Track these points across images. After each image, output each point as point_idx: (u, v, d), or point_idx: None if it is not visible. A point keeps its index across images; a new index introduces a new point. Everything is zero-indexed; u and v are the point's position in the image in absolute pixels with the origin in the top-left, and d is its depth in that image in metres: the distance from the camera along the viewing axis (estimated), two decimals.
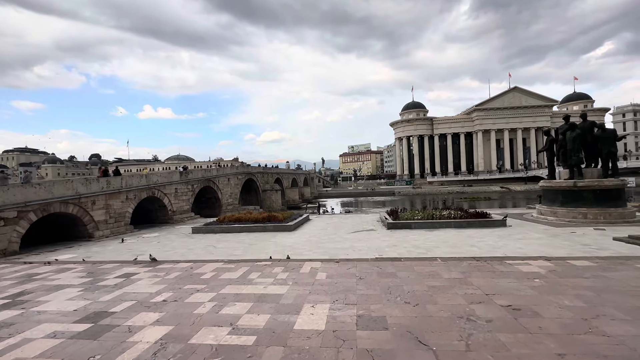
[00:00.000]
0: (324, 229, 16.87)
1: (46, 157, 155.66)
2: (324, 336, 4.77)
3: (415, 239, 13.07)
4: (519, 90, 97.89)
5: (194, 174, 28.34)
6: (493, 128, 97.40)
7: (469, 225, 15.42)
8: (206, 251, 12.27)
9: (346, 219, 21.27)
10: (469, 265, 8.55)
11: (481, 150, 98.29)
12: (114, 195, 18.47)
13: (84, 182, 16.85)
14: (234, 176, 37.13)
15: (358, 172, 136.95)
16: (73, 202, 15.92)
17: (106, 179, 18.47)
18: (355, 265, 8.90)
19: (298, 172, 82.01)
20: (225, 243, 13.91)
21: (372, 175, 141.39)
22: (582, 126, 16.87)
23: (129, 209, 19.63)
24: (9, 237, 13.03)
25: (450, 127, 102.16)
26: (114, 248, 13.87)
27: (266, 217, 18.18)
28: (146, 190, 21.35)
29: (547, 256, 9.11)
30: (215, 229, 17.39)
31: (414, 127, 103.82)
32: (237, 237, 15.56)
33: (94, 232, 16.89)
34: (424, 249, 11.07)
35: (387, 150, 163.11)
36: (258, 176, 46.76)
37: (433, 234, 13.91)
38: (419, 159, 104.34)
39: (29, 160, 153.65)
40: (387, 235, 14.32)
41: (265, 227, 16.98)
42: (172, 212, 23.96)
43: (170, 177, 24.56)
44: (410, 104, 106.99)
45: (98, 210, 17.37)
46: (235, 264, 9.34)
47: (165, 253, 12.18)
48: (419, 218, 16.54)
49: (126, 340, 4.91)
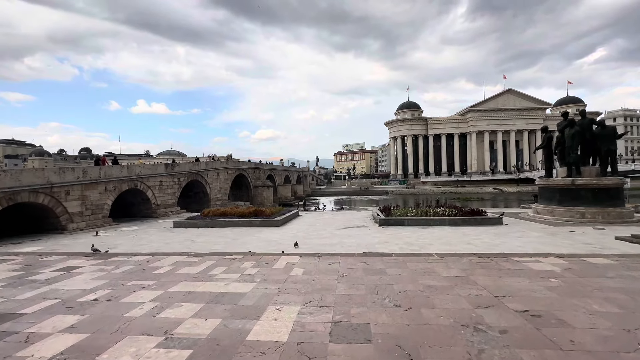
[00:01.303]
0: (313, 225, 16.09)
1: (33, 149, 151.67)
2: (283, 351, 3.73)
3: (408, 235, 12.36)
4: (513, 92, 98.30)
5: (180, 167, 27.27)
6: (487, 129, 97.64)
7: (464, 222, 14.77)
8: (183, 246, 11.37)
9: (337, 215, 20.52)
10: (470, 262, 7.73)
11: (475, 151, 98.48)
12: (91, 186, 17.39)
13: (57, 171, 15.76)
14: (224, 171, 36.07)
15: (352, 171, 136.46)
16: (44, 192, 14.85)
17: (82, 168, 17.37)
18: (339, 260, 8.03)
19: (291, 169, 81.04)
20: (207, 237, 13.03)
21: (366, 174, 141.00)
22: (581, 123, 16.34)
23: (107, 201, 18.56)
24: None
25: (444, 127, 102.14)
26: (86, 241, 12.86)
27: (253, 212, 17.32)
28: (127, 182, 20.28)
29: (559, 253, 8.38)
30: (198, 223, 16.49)
31: (409, 126, 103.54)
32: (220, 231, 14.69)
33: (68, 224, 15.82)
34: (417, 245, 10.35)
35: (381, 149, 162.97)
36: (249, 172, 45.71)
37: (427, 231, 13.22)
38: (413, 159, 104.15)
39: (15, 153, 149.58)
40: (379, 232, 13.59)
41: (252, 221, 16.14)
42: (156, 205, 22.90)
43: (155, 169, 23.49)
44: (405, 104, 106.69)
45: (73, 201, 16.29)
46: (200, 257, 8.36)
47: (137, 247, 11.22)
48: (412, 215, 15.86)
49: (13, 354, 3.80)
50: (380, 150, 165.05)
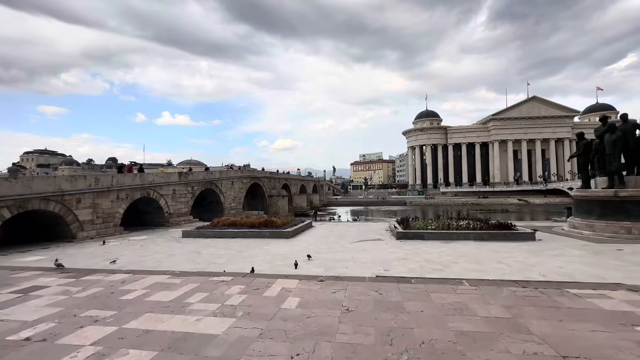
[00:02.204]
0: (326, 237, 15.16)
1: (64, 159, 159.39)
2: None
3: (428, 251, 11.22)
4: (538, 100, 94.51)
5: (194, 175, 27.17)
6: (510, 138, 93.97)
7: (492, 237, 13.43)
8: (187, 258, 10.75)
9: (352, 227, 19.50)
10: (514, 294, 6.17)
11: (497, 161, 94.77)
12: (102, 194, 17.30)
13: (69, 178, 15.74)
14: (239, 180, 35.89)
15: (369, 181, 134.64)
16: (55, 200, 14.77)
17: (95, 176, 17.34)
18: (346, 287, 6.65)
19: (307, 178, 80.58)
20: (213, 249, 12.39)
21: (383, 184, 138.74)
22: (623, 128, 14.75)
23: (119, 210, 18.42)
24: None
25: (465, 136, 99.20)
26: (91, 251, 12.52)
27: (263, 222, 16.61)
28: (140, 190, 20.17)
29: (630, 284, 6.59)
30: (206, 233, 15.95)
31: (428, 136, 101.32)
32: (228, 242, 14.03)
33: (78, 232, 15.66)
34: (439, 264, 9.22)
35: (399, 159, 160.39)
36: (264, 181, 45.45)
37: (449, 247, 12.01)
38: (432, 169, 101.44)
39: (47, 162, 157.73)
40: (396, 246, 12.50)
41: (261, 232, 15.42)
42: (168, 214, 22.71)
43: (168, 178, 23.40)
44: (423, 113, 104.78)
45: (84, 209, 16.18)
46: (184, 278, 7.21)
47: (140, 259, 10.73)
48: (432, 228, 14.64)
49: None
50: (398, 160, 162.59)
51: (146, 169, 28.21)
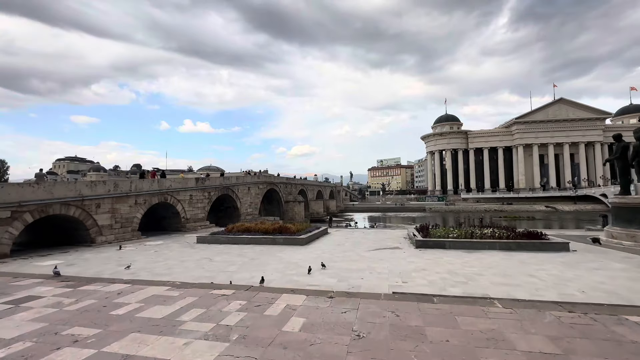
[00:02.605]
0: (341, 245, 14.65)
1: (92, 165, 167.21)
2: None
3: (450, 261, 10.49)
4: (565, 102, 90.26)
5: (211, 181, 27.38)
6: (535, 142, 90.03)
7: (520, 247, 12.48)
8: (198, 265, 10.54)
9: (368, 234, 18.87)
10: (559, 320, 5.16)
11: (522, 166, 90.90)
12: (121, 199, 17.58)
13: (89, 184, 16.07)
14: (255, 185, 35.98)
15: (387, 187, 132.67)
16: (75, 205, 15.08)
17: (114, 181, 17.67)
18: (357, 305, 5.86)
19: (324, 184, 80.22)
20: (225, 256, 12.15)
21: (401, 190, 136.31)
22: None
23: (137, 215, 18.67)
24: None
25: (487, 141, 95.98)
26: (107, 256, 12.59)
27: (277, 229, 16.31)
28: (158, 195, 20.42)
29: None
30: (220, 239, 15.80)
31: (447, 140, 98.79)
32: (241, 249, 13.80)
33: (97, 237, 15.91)
34: (463, 276, 8.52)
35: (417, 165, 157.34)
36: (281, 186, 45.45)
37: (473, 257, 11.21)
38: (452, 174, 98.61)
39: (77, 169, 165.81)
40: (415, 255, 11.81)
41: (275, 239, 15.11)
42: (185, 219, 22.88)
43: (185, 183, 23.64)
44: (443, 117, 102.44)
45: (103, 214, 16.47)
46: (183, 290, 6.55)
47: (152, 265, 10.62)
48: (454, 236, 13.83)
49: None
50: (416, 165, 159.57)
51: (168, 175, 28.90)
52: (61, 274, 7.98)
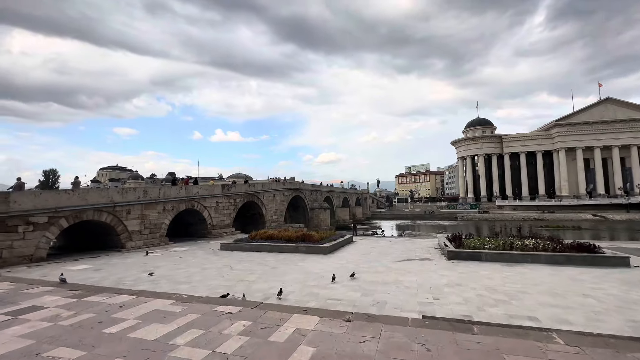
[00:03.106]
0: (367, 254, 13.93)
1: (131, 174, 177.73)
2: None
3: (488, 276, 9.48)
4: (613, 102, 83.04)
5: (236, 187, 27.68)
6: (579, 146, 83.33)
7: (569, 261, 11.12)
8: (218, 273, 10.34)
9: (396, 243, 17.94)
10: None
11: (564, 171, 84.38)
12: (150, 206, 18.05)
13: (120, 190, 16.66)
14: (280, 192, 36.02)
15: (415, 194, 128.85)
16: (107, 211, 15.63)
17: (143, 188, 18.21)
18: (379, 333, 4.78)
19: (350, 191, 79.21)
20: (247, 264, 11.90)
21: (431, 197, 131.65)
22: None
23: (165, 221, 19.09)
24: (37, 243, 12.78)
25: (523, 145, 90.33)
26: (133, 262, 12.80)
27: (300, 236, 15.92)
28: (185, 202, 20.83)
29: None
30: (244, 246, 15.66)
31: (480, 145, 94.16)
32: (263, 257, 13.53)
33: (127, 242, 16.37)
34: (504, 294, 7.56)
35: (448, 171, 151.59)
36: (306, 193, 45.28)
37: (514, 271, 10.09)
38: (485, 181, 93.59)
39: (118, 177, 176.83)
40: (447, 267, 10.86)
41: (298, 247, 14.71)
42: (211, 226, 23.17)
43: (212, 190, 24.01)
44: (475, 121, 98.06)
45: (133, 220, 16.95)
46: (187, 306, 5.84)
47: (173, 272, 10.56)
48: (491, 247, 12.66)
49: None
50: (446, 171, 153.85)
51: (199, 182, 29.75)
52: (67, 282, 7.69)
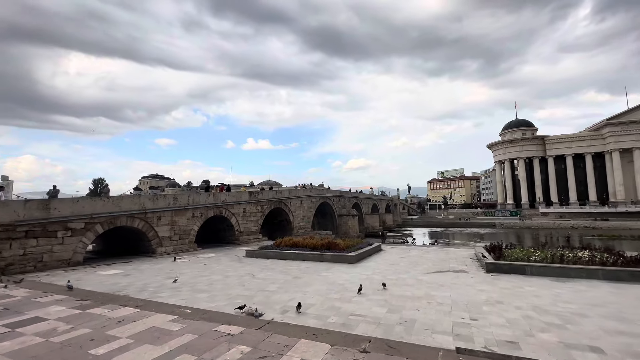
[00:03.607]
0: (395, 265, 13.08)
1: (169, 182, 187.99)
2: None
3: (534, 293, 8.34)
4: None
5: (264, 194, 27.82)
6: (636, 146, 75.35)
7: (633, 277, 9.59)
8: (239, 281, 10.09)
9: (428, 252, 16.82)
10: None
11: (619, 175, 76.52)
12: (180, 212, 18.48)
13: (151, 197, 17.21)
14: (307, 199, 35.80)
15: (449, 200, 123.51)
16: (139, 217, 16.15)
17: (173, 195, 18.70)
18: None
19: (379, 197, 77.45)
20: (269, 272, 11.58)
21: (466, 203, 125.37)
22: None
23: (194, 227, 19.44)
24: (74, 248, 13.40)
25: (570, 147, 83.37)
26: (160, 267, 12.98)
27: (325, 244, 15.40)
28: (213, 208, 21.16)
29: None
30: (268, 253, 15.43)
31: (519, 148, 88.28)
32: (287, 265, 13.17)
33: (157, 248, 16.80)
34: (556, 316, 6.51)
35: (484, 175, 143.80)
36: (334, 200, 44.72)
37: (567, 288, 8.83)
38: (526, 186, 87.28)
39: (157, 185, 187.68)
40: (486, 281, 9.78)
41: (322, 255, 14.19)
42: (239, 232, 23.33)
43: (239, 197, 24.26)
44: (513, 122, 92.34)
45: (163, 226, 17.40)
46: (188, 322, 5.25)
47: (196, 279, 10.47)
48: (537, 259, 11.33)
49: None
50: (482, 176, 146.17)
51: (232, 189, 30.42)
52: (73, 288, 7.54)
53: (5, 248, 11.43)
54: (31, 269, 11.92)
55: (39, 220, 12.30)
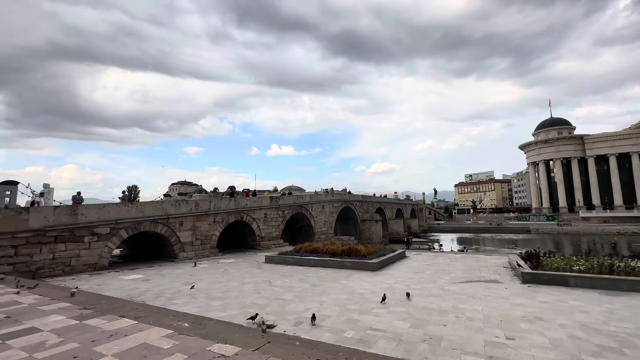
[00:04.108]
0: (420, 273, 12.30)
1: (196, 188, 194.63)
2: None
3: (581, 308, 7.37)
4: None
5: (284, 199, 27.68)
6: None
7: None
8: (255, 289, 9.80)
9: (456, 260, 15.79)
10: None
11: None
12: (201, 217, 18.66)
13: (173, 203, 17.49)
14: (329, 203, 35.33)
15: (478, 204, 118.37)
16: (162, 222, 16.43)
17: (195, 200, 18.93)
18: None
19: (404, 202, 75.41)
20: (287, 280, 11.23)
21: (497, 208, 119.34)
22: None
23: (215, 232, 19.56)
24: (100, 252, 13.77)
25: (612, 146, 77.19)
26: (180, 273, 13.01)
27: (346, 250, 14.86)
28: (234, 213, 21.23)
29: None
30: (287, 259, 15.12)
31: (555, 148, 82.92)
32: (306, 271, 12.77)
33: (179, 253, 16.99)
34: (609, 336, 5.61)
35: (516, 178, 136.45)
36: (356, 204, 43.90)
37: (620, 303, 7.76)
38: (564, 188, 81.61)
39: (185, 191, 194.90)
40: (523, 294, 8.84)
41: (343, 262, 13.66)
42: (260, 237, 23.27)
43: (260, 202, 24.25)
44: (548, 121, 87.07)
45: (185, 231, 17.62)
46: (181, 340, 4.44)
47: (213, 285, 10.32)
48: (581, 269, 10.17)
49: None
50: (514, 179, 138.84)
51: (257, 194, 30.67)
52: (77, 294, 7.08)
53: (36, 252, 11.92)
54: (59, 272, 12.33)
55: (67, 225, 12.75)
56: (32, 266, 11.73)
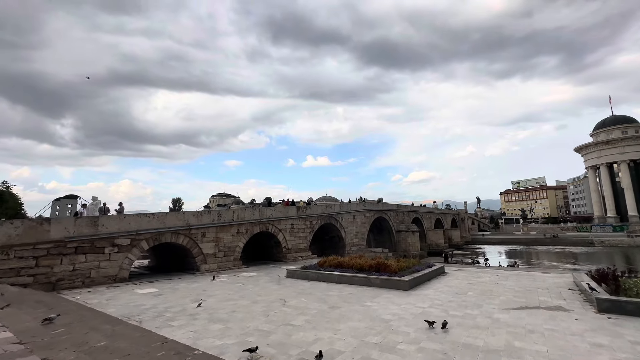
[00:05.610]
0: (462, 294, 10.38)
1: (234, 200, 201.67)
2: None
3: None
4: None
5: (312, 209, 26.59)
6: None
7: None
8: (265, 310, 8.66)
9: (506, 278, 13.46)
10: None
11: None
12: (224, 228, 18.13)
13: (195, 213, 17.12)
14: (360, 213, 33.60)
15: (528, 213, 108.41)
16: (183, 233, 16.08)
17: (218, 211, 18.49)
18: None
19: (443, 211, 70.85)
20: (304, 298, 9.98)
21: (551, 217, 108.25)
22: None
23: (239, 244, 18.91)
24: (120, 264, 13.57)
25: None
26: (195, 287, 12.31)
27: (374, 266, 13.27)
28: (259, 224, 20.52)
29: None
30: (309, 274, 13.87)
31: (620, 149, 73.46)
32: (328, 289, 11.43)
33: (201, 265, 16.49)
34: None
35: (572, 184, 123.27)
36: (390, 214, 41.54)
37: None
38: (633, 194, 71.62)
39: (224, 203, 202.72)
40: (602, 329, 6.73)
41: (370, 279, 12.12)
42: (286, 249, 22.30)
43: (286, 212, 23.37)
44: (609, 120, 77.76)
45: (207, 242, 17.13)
46: None
47: (221, 304, 9.36)
48: None
49: None
50: (571, 185, 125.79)
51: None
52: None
53: (57, 264, 11.90)
54: (79, 284, 12.21)
55: (87, 236, 12.70)
56: (52, 277, 11.69)
